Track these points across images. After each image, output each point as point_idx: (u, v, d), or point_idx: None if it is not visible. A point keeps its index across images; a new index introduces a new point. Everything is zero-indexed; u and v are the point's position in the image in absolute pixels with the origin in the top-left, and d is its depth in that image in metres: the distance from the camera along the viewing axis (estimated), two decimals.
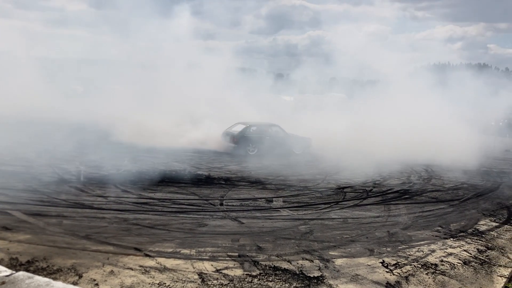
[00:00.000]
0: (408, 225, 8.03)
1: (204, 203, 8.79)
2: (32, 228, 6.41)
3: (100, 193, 8.91)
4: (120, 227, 6.79)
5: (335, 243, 6.74)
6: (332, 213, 8.61)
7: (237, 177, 11.74)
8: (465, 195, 11.25)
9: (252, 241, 6.54)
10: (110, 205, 8.11)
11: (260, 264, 5.63)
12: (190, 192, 9.64)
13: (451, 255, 6.57)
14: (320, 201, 9.60)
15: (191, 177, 11.26)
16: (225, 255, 5.88)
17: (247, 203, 9.04)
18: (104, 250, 5.72)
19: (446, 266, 6.09)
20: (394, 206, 9.48)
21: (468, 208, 9.82)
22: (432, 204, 9.94)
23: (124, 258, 5.51)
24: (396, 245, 6.82)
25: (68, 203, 8.00)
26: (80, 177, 10.22)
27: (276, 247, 6.35)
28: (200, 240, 6.42)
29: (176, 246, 6.10)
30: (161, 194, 9.21)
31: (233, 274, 5.27)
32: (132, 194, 9.06)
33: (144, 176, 10.83)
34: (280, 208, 8.75)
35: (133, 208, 8.02)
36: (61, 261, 5.25)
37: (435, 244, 7.04)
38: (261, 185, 11.00)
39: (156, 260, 5.50)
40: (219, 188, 10.28)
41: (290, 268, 5.58)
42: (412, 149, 16.72)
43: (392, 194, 10.74)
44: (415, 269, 5.89)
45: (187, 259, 5.62)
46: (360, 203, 9.66)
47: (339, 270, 5.64)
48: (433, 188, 11.90)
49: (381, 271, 5.71)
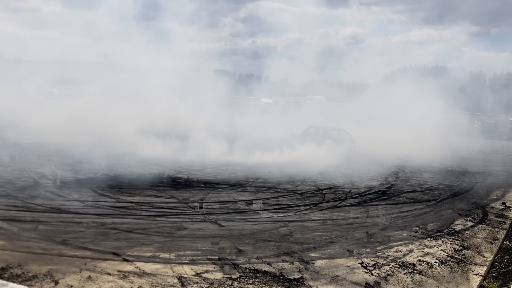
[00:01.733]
0: (386, 226, 8.13)
1: (183, 206, 8.73)
2: (6, 234, 6.25)
3: (77, 197, 8.75)
4: (97, 232, 6.67)
5: (315, 244, 6.77)
6: (311, 215, 8.65)
7: (216, 180, 11.69)
8: (441, 196, 11.46)
9: (232, 244, 6.52)
10: (87, 209, 7.97)
11: (240, 267, 5.61)
12: (169, 195, 9.55)
13: (428, 254, 6.68)
14: (299, 202, 9.64)
15: (170, 180, 11.17)
16: (205, 258, 5.84)
17: (226, 205, 9.01)
18: (81, 256, 5.61)
19: (424, 266, 6.18)
20: (372, 207, 9.59)
21: (445, 208, 10.01)
22: (409, 205, 10.09)
23: (102, 263, 5.41)
24: (375, 246, 6.89)
25: (43, 207, 7.83)
26: (56, 181, 10.02)
27: (256, 249, 6.34)
28: (180, 244, 6.36)
29: (155, 250, 6.03)
30: (140, 198, 9.10)
31: (213, 277, 5.23)
32: (109, 198, 8.93)
33: (122, 179, 10.69)
34: (260, 210, 8.75)
35: (111, 212, 7.90)
36: (36, 267, 5.13)
37: (413, 244, 7.14)
38: (241, 187, 10.98)
39: (135, 265, 5.43)
40: (199, 191, 10.22)
41: (270, 270, 5.58)
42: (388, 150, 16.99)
43: (371, 195, 10.86)
44: (393, 269, 5.96)
45: (167, 263, 5.56)
46: (339, 204, 9.73)
47: (319, 271, 5.66)
48: (410, 189, 12.08)
49: (360, 272, 5.75)
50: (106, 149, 14.67)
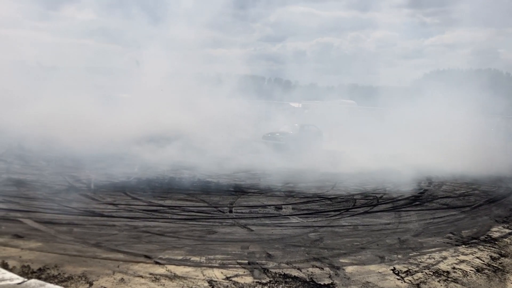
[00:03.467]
0: (419, 232, 7.96)
1: (213, 210, 8.80)
2: (43, 236, 6.45)
3: (110, 201, 8.95)
4: (130, 235, 6.81)
5: (346, 250, 6.70)
6: (342, 220, 8.56)
7: (246, 184, 11.73)
8: (477, 202, 11.14)
9: (261, 248, 6.52)
10: (120, 212, 8.15)
11: (270, 271, 5.61)
12: (199, 199, 9.65)
13: (463, 262, 6.49)
14: (329, 208, 9.56)
15: (200, 184, 11.29)
16: (235, 262, 5.87)
17: (256, 210, 9.03)
18: (115, 258, 5.73)
19: (459, 274, 6.01)
20: (405, 213, 9.41)
21: (480, 215, 9.72)
22: (443, 211, 9.85)
23: (134, 265, 5.52)
24: (407, 252, 6.76)
25: (78, 210, 8.05)
26: (90, 184, 10.29)
27: (286, 254, 6.32)
28: (210, 248, 6.42)
29: (186, 253, 6.10)
30: (171, 201, 9.24)
31: (243, 281, 5.25)
32: (142, 201, 9.09)
33: (154, 183, 10.88)
34: (290, 215, 8.72)
35: (143, 215, 8.05)
36: (72, 268, 5.27)
37: (447, 251, 6.96)
38: (270, 192, 10.98)
39: (166, 268, 5.50)
40: (228, 195, 10.28)
41: (300, 275, 5.55)
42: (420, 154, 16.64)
43: (403, 201, 10.66)
44: (426, 276, 5.83)
45: (197, 267, 5.61)
46: (371, 210, 9.60)
47: (350, 277, 5.59)
48: (444, 195, 11.79)
49: (392, 279, 5.65)
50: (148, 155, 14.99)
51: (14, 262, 5.32)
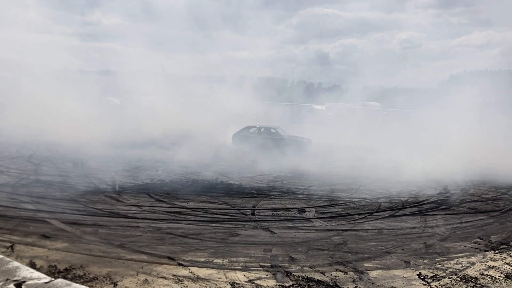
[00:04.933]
0: (446, 237, 7.78)
1: (236, 212, 8.80)
2: (69, 237, 6.57)
3: (134, 202, 9.06)
4: (153, 236, 6.87)
5: (370, 254, 6.59)
6: (366, 224, 8.45)
7: (268, 187, 11.71)
8: (506, 206, 10.82)
9: (284, 251, 6.48)
10: (144, 214, 8.23)
11: (293, 275, 5.56)
12: (222, 201, 9.67)
13: (492, 268, 6.31)
14: (354, 211, 9.44)
15: (223, 187, 11.32)
16: (258, 265, 5.85)
17: (279, 213, 8.99)
18: (139, 259, 5.79)
19: (487, 280, 5.84)
20: (431, 217, 9.22)
21: (510, 220, 9.43)
22: (470, 215, 9.61)
23: (158, 267, 5.56)
24: (433, 257, 6.61)
25: (103, 212, 8.17)
26: (115, 186, 10.44)
27: (309, 258, 6.27)
28: (233, 250, 6.41)
29: (208, 255, 6.12)
30: (194, 204, 9.28)
31: (266, 284, 5.22)
32: (165, 203, 9.17)
33: (177, 185, 10.97)
34: (313, 219, 8.65)
35: (167, 217, 8.11)
36: (97, 269, 5.35)
37: (475, 256, 6.78)
38: (293, 194, 10.93)
39: (189, 270, 5.52)
40: (251, 197, 10.28)
41: (324, 279, 5.49)
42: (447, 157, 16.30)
43: (429, 205, 10.45)
44: (453, 282, 5.68)
45: (220, 269, 5.62)
46: (396, 213, 9.44)
47: (374, 282, 5.50)
48: (472, 199, 11.51)
49: (417, 284, 5.53)
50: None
51: (41, 262, 5.44)
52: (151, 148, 17.20)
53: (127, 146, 17.49)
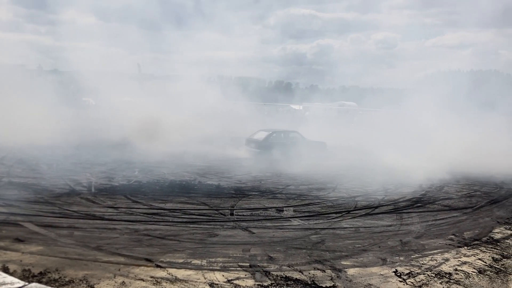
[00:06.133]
0: (421, 234, 7.94)
1: (214, 213, 8.78)
2: (44, 240, 6.44)
3: (111, 204, 8.94)
4: (131, 238, 6.79)
5: (347, 252, 6.67)
6: (343, 222, 8.54)
7: (247, 187, 11.71)
8: (478, 203, 11.10)
9: (263, 251, 6.50)
10: (121, 216, 8.13)
11: (271, 274, 5.59)
12: (200, 202, 9.63)
13: (465, 264, 6.47)
14: (331, 210, 9.53)
15: (201, 187, 11.27)
16: (236, 265, 5.85)
17: (257, 212, 9.01)
18: (116, 261, 5.72)
19: (461, 275, 5.99)
20: (406, 215, 9.38)
21: (482, 216, 9.68)
22: (445, 212, 9.82)
23: (136, 269, 5.50)
24: (409, 254, 6.73)
25: (79, 214, 8.03)
26: (91, 188, 10.28)
27: (287, 257, 6.30)
28: (211, 250, 6.40)
29: (187, 256, 6.09)
30: (172, 204, 9.21)
31: (244, 284, 5.23)
32: (142, 204, 9.08)
33: (154, 186, 10.87)
34: (291, 218, 8.70)
35: (144, 218, 8.03)
36: (72, 272, 5.26)
37: (449, 252, 6.94)
38: (271, 194, 10.96)
39: (167, 271, 5.49)
40: (229, 198, 10.26)
41: (302, 278, 5.53)
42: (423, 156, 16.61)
43: (404, 203, 10.63)
44: (428, 278, 5.80)
45: (198, 270, 5.60)
46: (372, 212, 9.57)
47: (352, 280, 5.57)
48: (446, 196, 11.76)
49: (394, 281, 5.63)
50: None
51: (15, 266, 5.32)
52: (127, 149, 16.97)
53: (103, 147, 17.24)
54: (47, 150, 15.78)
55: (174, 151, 16.86)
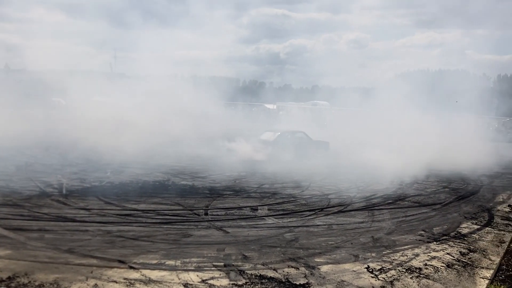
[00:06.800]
0: (392, 230, 8.11)
1: (188, 213, 8.75)
2: (12, 243, 6.29)
3: (83, 206, 8.79)
4: (103, 240, 6.70)
5: (321, 250, 6.76)
6: (316, 220, 8.64)
7: (221, 187, 11.70)
8: (447, 199, 11.42)
9: (237, 250, 6.52)
10: (93, 217, 8.01)
11: (246, 273, 5.62)
12: (174, 202, 9.57)
13: (434, 258, 6.65)
14: (304, 208, 9.63)
15: (175, 187, 11.21)
16: (211, 265, 5.85)
17: (232, 212, 9.02)
18: (88, 264, 5.64)
19: (430, 270, 6.16)
20: (378, 212, 9.57)
21: (450, 212, 9.97)
22: (415, 209, 10.06)
23: (108, 271, 5.44)
24: (380, 250, 6.87)
25: (50, 216, 7.87)
26: (62, 189, 10.08)
27: (261, 255, 6.34)
28: (185, 251, 6.38)
29: (161, 257, 6.05)
30: (145, 205, 9.13)
31: (219, 284, 5.24)
32: (115, 205, 8.96)
33: (127, 187, 10.75)
34: (265, 216, 8.75)
35: (117, 220, 7.93)
36: (43, 276, 5.16)
37: (419, 248, 7.12)
38: (246, 193, 10.99)
39: (141, 272, 5.45)
40: (204, 198, 10.24)
41: (276, 276, 5.58)
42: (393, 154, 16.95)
43: (376, 200, 10.83)
44: (399, 273, 5.94)
45: (172, 270, 5.57)
46: (344, 209, 9.72)
47: (325, 276, 5.66)
48: (416, 193, 12.03)
49: (366, 277, 5.74)
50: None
51: None
52: (99, 150, 16.68)
53: (74, 147, 16.90)
54: (16, 151, 15.42)
55: (147, 152, 16.71)
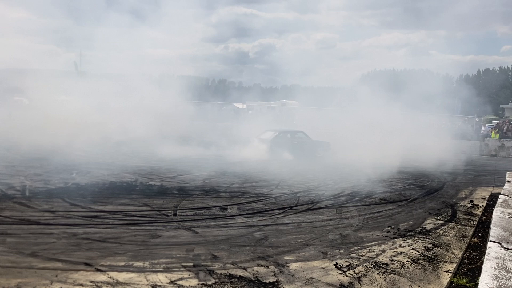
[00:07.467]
0: (359, 227, 8.25)
1: (157, 214, 8.64)
2: None
3: (47, 208, 8.55)
4: (69, 242, 6.54)
5: (290, 247, 6.81)
6: (286, 218, 8.70)
7: (190, 187, 11.62)
8: (412, 196, 11.71)
9: (207, 250, 6.49)
10: (58, 220, 7.80)
11: (215, 273, 5.60)
12: (142, 203, 9.44)
13: (400, 254, 6.81)
14: (274, 206, 9.68)
15: (143, 188, 11.05)
16: (180, 265, 5.80)
17: (201, 212, 8.97)
18: (52, 267, 5.49)
19: (396, 265, 6.30)
20: (345, 209, 9.72)
21: (416, 208, 10.23)
22: (381, 205, 10.27)
23: (74, 274, 5.31)
24: (348, 247, 6.98)
25: (12, 219, 7.62)
26: (25, 192, 9.78)
27: (231, 255, 6.33)
28: (154, 252, 6.30)
29: (128, 259, 5.95)
30: (112, 207, 8.96)
31: (188, 284, 5.20)
32: (81, 207, 8.76)
33: (93, 188, 10.53)
34: (235, 216, 8.74)
35: (83, 222, 7.76)
36: (4, 281, 4.99)
37: (386, 244, 7.27)
38: (216, 193, 10.95)
39: (108, 275, 5.34)
40: (172, 198, 10.13)
41: (246, 275, 5.58)
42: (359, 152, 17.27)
43: (344, 197, 11.00)
44: (367, 269, 6.05)
45: (141, 272, 5.50)
46: (313, 207, 9.82)
47: (294, 274, 5.70)
48: (382, 190, 12.29)
49: (334, 273, 5.82)
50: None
51: None
52: (64, 150, 16.28)
53: (38, 148, 16.42)
54: None
55: (114, 152, 16.44)
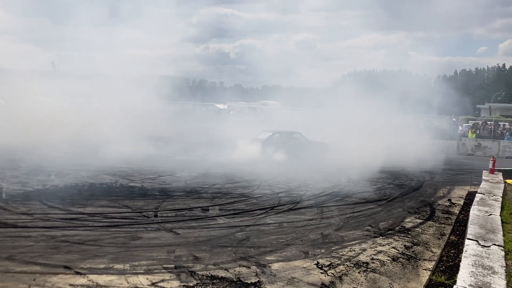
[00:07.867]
0: (340, 226, 8.33)
1: (137, 215, 8.56)
2: None
3: (25, 211, 8.38)
4: (47, 245, 6.42)
5: (271, 248, 6.83)
6: (267, 218, 8.72)
7: (172, 188, 11.54)
8: (392, 195, 11.87)
9: (188, 251, 6.46)
10: (36, 222, 7.66)
11: (197, 274, 5.57)
12: (122, 205, 9.33)
13: (380, 252, 6.89)
14: (255, 207, 9.68)
15: (123, 190, 10.93)
16: (161, 267, 5.76)
17: (182, 213, 8.92)
18: (30, 271, 5.39)
19: (377, 264, 6.38)
20: (326, 209, 9.79)
21: (395, 207, 10.37)
22: (361, 205, 10.38)
23: (53, 277, 5.22)
24: (329, 246, 7.04)
25: None
26: (1, 194, 9.57)
27: (213, 256, 6.32)
28: (134, 254, 6.24)
29: (108, 261, 5.88)
30: (92, 209, 8.84)
31: (169, 286, 5.17)
32: (60, 210, 8.62)
33: (72, 190, 10.37)
34: (217, 217, 8.72)
35: (62, 224, 7.63)
36: None
37: (366, 243, 7.35)
38: (197, 194, 10.91)
39: (87, 278, 5.27)
40: (153, 199, 10.05)
41: (228, 276, 5.58)
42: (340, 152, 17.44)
43: (324, 197, 11.08)
44: (348, 268, 6.11)
45: (121, 274, 5.44)
46: (294, 207, 9.86)
47: (276, 274, 5.72)
48: (362, 189, 12.42)
49: (316, 273, 5.86)
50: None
51: None
52: (41, 152, 15.98)
53: (15, 150, 16.09)
54: None
55: (93, 153, 16.21)
